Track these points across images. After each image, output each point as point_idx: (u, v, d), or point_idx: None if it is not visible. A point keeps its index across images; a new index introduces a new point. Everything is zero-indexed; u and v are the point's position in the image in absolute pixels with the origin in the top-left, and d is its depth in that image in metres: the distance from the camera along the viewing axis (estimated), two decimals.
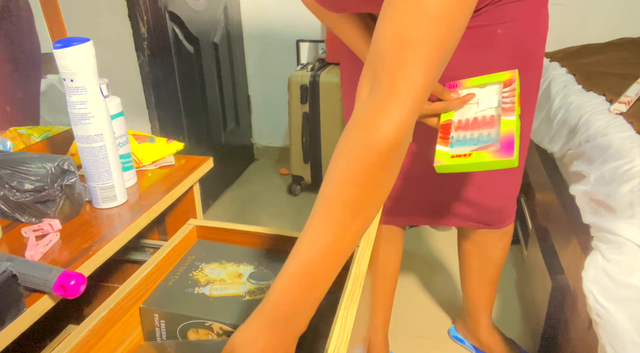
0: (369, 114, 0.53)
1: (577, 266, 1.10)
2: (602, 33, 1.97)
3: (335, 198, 0.53)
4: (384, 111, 0.52)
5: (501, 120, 0.78)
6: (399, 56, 0.53)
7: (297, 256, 0.53)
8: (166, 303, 0.70)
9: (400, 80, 0.52)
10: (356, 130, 0.54)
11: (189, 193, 1.07)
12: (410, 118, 0.53)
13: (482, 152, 0.76)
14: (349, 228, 0.53)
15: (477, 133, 0.80)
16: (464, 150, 0.78)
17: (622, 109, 1.21)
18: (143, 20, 1.66)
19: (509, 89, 0.83)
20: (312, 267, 0.52)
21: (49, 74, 1.10)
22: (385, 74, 0.53)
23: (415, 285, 1.70)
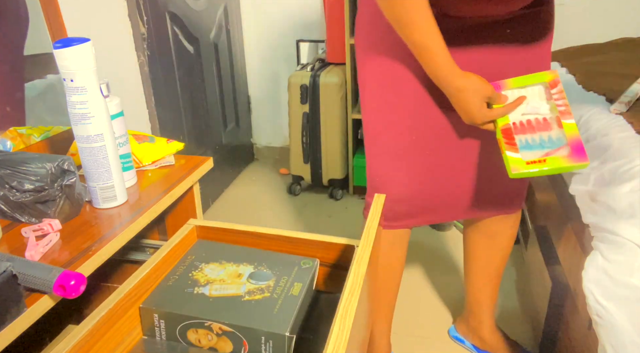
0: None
1: (577, 266, 1.10)
2: (602, 33, 1.97)
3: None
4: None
5: (563, 124, 0.81)
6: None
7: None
8: (166, 303, 0.71)
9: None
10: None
11: (189, 193, 1.07)
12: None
13: (556, 157, 0.79)
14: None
15: (538, 136, 0.82)
16: (534, 155, 0.81)
17: (622, 109, 1.21)
18: (143, 20, 1.66)
19: (556, 90, 0.84)
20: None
21: (49, 74, 1.10)
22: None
23: (415, 284, 1.70)
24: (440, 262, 1.82)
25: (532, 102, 0.86)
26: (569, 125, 0.80)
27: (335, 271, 0.83)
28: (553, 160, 0.79)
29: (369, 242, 0.69)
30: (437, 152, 1.03)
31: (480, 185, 1.07)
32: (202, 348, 0.69)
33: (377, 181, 1.09)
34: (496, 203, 1.12)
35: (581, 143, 0.78)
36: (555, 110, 0.83)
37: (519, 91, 0.88)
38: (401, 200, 1.08)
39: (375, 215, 0.74)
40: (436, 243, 1.93)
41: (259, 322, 0.66)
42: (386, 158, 1.05)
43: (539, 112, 0.85)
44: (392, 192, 1.06)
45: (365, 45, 1.01)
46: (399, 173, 1.05)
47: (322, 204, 2.27)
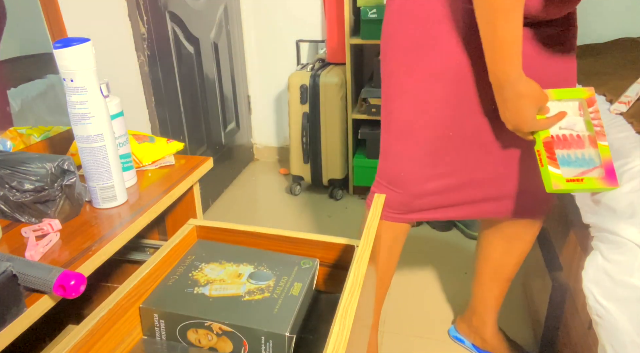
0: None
1: (577, 266, 1.10)
2: (602, 33, 1.97)
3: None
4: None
5: (598, 145, 0.84)
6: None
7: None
8: (166, 303, 0.71)
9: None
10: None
11: (189, 193, 1.07)
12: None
13: (592, 178, 0.82)
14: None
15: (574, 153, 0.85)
16: (571, 173, 0.83)
17: (622, 109, 1.21)
18: (143, 20, 1.66)
19: (593, 109, 0.85)
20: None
21: (49, 74, 1.10)
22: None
23: (416, 284, 1.70)
24: (440, 262, 1.82)
25: (569, 117, 0.87)
26: (603, 147, 0.84)
27: (335, 271, 0.83)
28: (590, 180, 0.83)
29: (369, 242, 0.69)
30: (469, 151, 1.01)
31: (507, 188, 1.05)
32: (202, 348, 0.69)
33: (398, 175, 1.05)
34: (522, 206, 1.09)
35: (613, 166, 0.82)
36: (591, 129, 0.85)
37: (557, 104, 0.88)
38: (423, 195, 1.06)
39: (375, 215, 0.74)
40: (436, 244, 1.93)
41: (259, 322, 0.66)
42: (415, 152, 1.02)
43: (574, 129, 0.86)
44: (416, 188, 1.05)
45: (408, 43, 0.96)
46: (427, 169, 1.03)
47: (322, 204, 2.27)
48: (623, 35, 1.96)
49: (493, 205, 1.09)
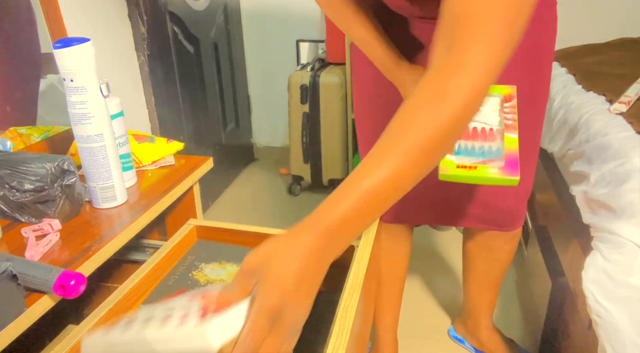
0: (436, 90, 0.53)
1: (577, 266, 1.10)
2: (602, 33, 1.97)
3: (404, 138, 0.53)
4: (457, 80, 0.52)
5: (505, 137, 0.79)
6: (471, 25, 0.53)
7: (353, 180, 0.53)
8: None
9: (473, 50, 0.52)
10: (428, 92, 0.53)
11: (189, 193, 1.07)
12: (482, 89, 0.53)
13: (486, 166, 0.77)
14: (411, 168, 0.53)
15: (479, 145, 0.80)
16: (469, 161, 0.79)
17: (622, 109, 1.21)
18: (143, 20, 1.66)
19: (509, 105, 0.83)
20: (367, 192, 0.51)
21: (49, 74, 1.10)
22: (456, 44, 0.53)
23: (416, 285, 1.70)
24: (440, 262, 1.82)
25: (485, 111, 0.85)
26: (510, 139, 0.79)
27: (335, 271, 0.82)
28: (483, 169, 0.77)
29: (368, 242, 0.69)
30: None
31: (478, 195, 1.04)
32: None
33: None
34: (494, 216, 1.08)
35: (517, 159, 0.76)
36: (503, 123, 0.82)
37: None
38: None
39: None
40: (436, 244, 1.93)
41: None
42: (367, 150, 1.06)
43: (487, 122, 0.84)
44: None
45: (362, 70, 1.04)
46: None
47: None
48: (623, 35, 1.96)
49: (463, 214, 1.08)
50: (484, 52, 0.52)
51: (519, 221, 1.12)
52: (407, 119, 0.54)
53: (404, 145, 0.52)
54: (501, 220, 1.09)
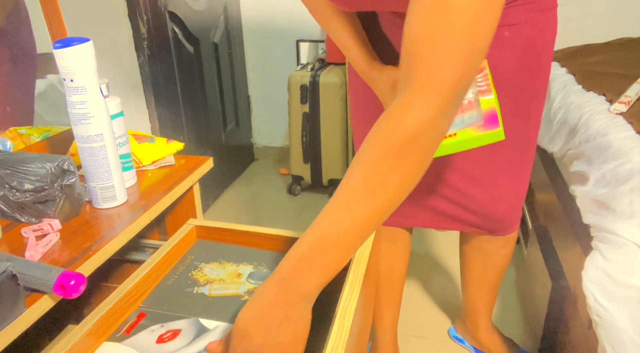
0: (396, 107, 0.56)
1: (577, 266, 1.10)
2: (602, 33, 1.97)
3: (352, 176, 0.56)
4: (409, 105, 0.54)
5: (480, 101, 0.78)
6: (428, 56, 0.54)
7: (312, 226, 0.57)
8: (165, 303, 0.71)
9: (430, 78, 0.54)
10: (382, 120, 0.57)
11: (189, 193, 1.07)
12: (435, 114, 0.54)
13: (466, 129, 0.76)
14: (362, 208, 0.55)
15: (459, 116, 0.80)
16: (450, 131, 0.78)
17: (622, 109, 1.21)
18: (143, 20, 1.66)
19: (481, 75, 0.82)
20: (321, 235, 0.55)
21: (49, 74, 1.10)
22: (416, 72, 0.55)
23: (416, 285, 1.70)
24: (440, 262, 1.82)
25: None
26: (485, 101, 0.77)
27: None
28: (463, 132, 0.76)
29: (368, 242, 0.69)
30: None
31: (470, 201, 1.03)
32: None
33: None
34: (487, 222, 1.07)
35: (495, 113, 0.74)
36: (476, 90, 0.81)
37: None
38: None
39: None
40: (436, 243, 1.93)
41: None
42: None
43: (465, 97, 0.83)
44: None
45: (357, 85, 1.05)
46: None
47: (322, 204, 2.26)
48: (623, 35, 1.96)
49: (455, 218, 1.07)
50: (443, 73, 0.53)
51: (512, 226, 1.11)
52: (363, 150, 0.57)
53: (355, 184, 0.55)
54: (493, 226, 1.08)
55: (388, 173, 0.55)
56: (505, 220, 1.08)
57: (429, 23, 0.53)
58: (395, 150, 0.54)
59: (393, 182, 0.55)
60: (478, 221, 1.07)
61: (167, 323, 0.66)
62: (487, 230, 1.10)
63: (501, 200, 1.03)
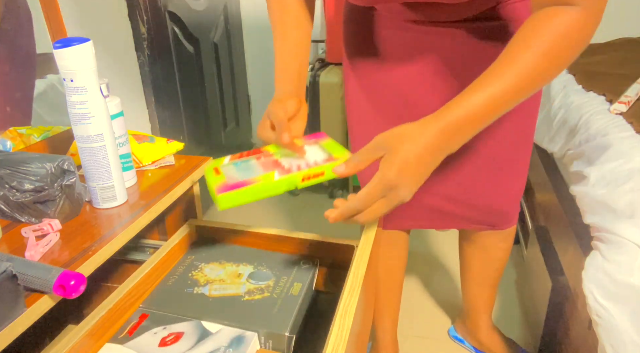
0: (547, 12, 0.61)
1: (577, 266, 1.10)
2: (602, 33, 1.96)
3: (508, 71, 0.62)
4: (562, 9, 0.60)
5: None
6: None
7: (484, 86, 0.62)
8: (165, 303, 0.71)
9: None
10: (533, 21, 0.62)
11: (189, 193, 1.07)
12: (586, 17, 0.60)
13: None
14: (513, 97, 0.62)
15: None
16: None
17: (622, 109, 1.21)
18: (143, 20, 1.66)
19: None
20: (491, 99, 0.62)
21: (49, 74, 1.10)
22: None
23: (415, 285, 1.70)
24: (440, 262, 1.82)
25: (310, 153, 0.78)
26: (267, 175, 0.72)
27: (335, 271, 0.83)
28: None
29: (368, 242, 0.69)
30: None
31: (470, 196, 1.04)
32: None
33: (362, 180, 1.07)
34: (487, 217, 1.08)
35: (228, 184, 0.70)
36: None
37: (315, 148, 0.79)
38: None
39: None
40: (436, 243, 1.93)
41: (259, 322, 0.66)
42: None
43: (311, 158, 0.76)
44: None
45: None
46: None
47: (322, 204, 2.27)
48: (623, 35, 1.96)
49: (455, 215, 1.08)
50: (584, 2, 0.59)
51: (512, 220, 1.12)
52: (522, 41, 0.62)
53: (524, 57, 0.61)
54: (493, 221, 1.09)
55: (541, 60, 0.61)
56: (506, 213, 1.08)
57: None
58: (553, 41, 0.60)
59: (542, 70, 0.62)
60: (479, 216, 1.07)
61: (170, 326, 0.66)
62: (488, 225, 1.10)
63: (502, 192, 1.04)
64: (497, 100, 0.62)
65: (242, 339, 0.63)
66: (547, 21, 0.61)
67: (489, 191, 1.03)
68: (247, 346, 0.62)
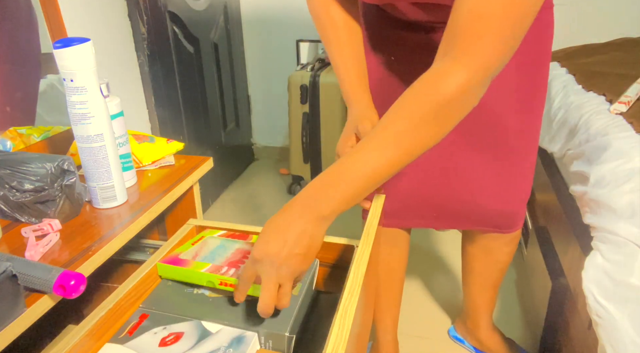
0: (436, 73, 0.61)
1: (577, 266, 1.10)
2: (602, 33, 1.97)
3: (385, 127, 0.62)
4: (450, 71, 0.59)
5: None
6: (473, 28, 0.58)
7: (341, 161, 0.63)
8: (165, 303, 0.70)
9: (471, 49, 0.59)
10: (421, 83, 0.62)
11: (189, 193, 1.07)
12: (473, 82, 0.59)
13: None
14: (390, 154, 0.62)
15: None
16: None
17: (622, 109, 1.21)
18: (143, 20, 1.66)
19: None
20: (347, 169, 0.62)
21: (49, 74, 1.10)
22: (458, 43, 0.59)
23: (416, 285, 1.70)
24: (440, 262, 1.82)
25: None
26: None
27: (335, 271, 0.83)
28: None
29: (368, 242, 0.69)
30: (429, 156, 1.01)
31: (477, 197, 1.03)
32: None
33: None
34: (494, 219, 1.07)
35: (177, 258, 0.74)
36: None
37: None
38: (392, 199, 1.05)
39: (375, 215, 0.74)
40: (436, 243, 1.93)
41: (259, 322, 0.66)
42: None
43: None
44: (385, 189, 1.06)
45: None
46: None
47: None
48: (623, 35, 1.96)
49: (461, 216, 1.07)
50: (484, 47, 0.58)
51: (519, 223, 1.11)
52: (399, 104, 0.63)
53: (396, 128, 0.61)
54: (500, 223, 1.08)
55: (421, 129, 0.61)
56: (513, 215, 1.07)
57: (477, 2, 0.58)
58: (432, 110, 0.60)
59: (422, 138, 0.62)
60: (485, 218, 1.06)
61: (170, 326, 0.66)
62: (494, 227, 1.09)
63: (509, 193, 1.03)
64: (376, 171, 0.62)
65: (242, 339, 0.63)
66: (431, 87, 0.60)
67: (496, 192, 1.02)
68: (247, 346, 0.62)
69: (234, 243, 0.81)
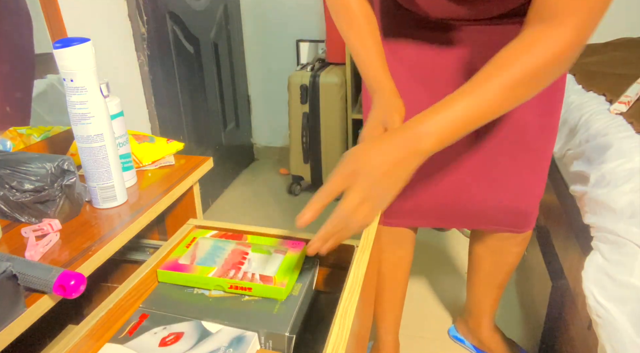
0: (534, 34, 0.63)
1: (577, 266, 1.10)
2: (602, 33, 1.96)
3: (490, 86, 0.63)
4: (548, 33, 0.62)
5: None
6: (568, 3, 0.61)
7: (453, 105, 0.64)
8: (165, 303, 0.71)
9: (571, 9, 0.61)
10: (519, 43, 0.64)
11: (189, 193, 1.07)
12: (578, 40, 0.62)
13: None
14: (490, 111, 0.64)
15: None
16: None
17: (622, 109, 1.21)
18: (143, 20, 1.66)
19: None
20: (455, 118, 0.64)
21: (49, 74, 1.10)
22: (559, 6, 0.61)
23: (417, 284, 1.70)
24: (440, 262, 1.82)
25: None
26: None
27: (335, 271, 0.83)
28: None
29: (368, 243, 0.69)
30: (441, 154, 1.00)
31: (485, 196, 1.02)
32: None
33: None
34: (505, 219, 1.06)
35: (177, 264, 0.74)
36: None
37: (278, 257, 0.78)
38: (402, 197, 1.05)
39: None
40: (437, 243, 1.93)
41: (259, 322, 0.66)
42: None
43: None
44: None
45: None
46: None
47: None
48: (623, 35, 1.96)
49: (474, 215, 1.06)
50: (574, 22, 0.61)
51: (532, 222, 1.09)
52: (499, 61, 0.64)
53: (495, 81, 0.63)
54: (515, 222, 1.07)
55: (520, 91, 0.64)
56: (529, 213, 1.06)
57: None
58: (542, 66, 0.62)
59: (521, 95, 0.65)
60: (501, 216, 1.05)
61: (170, 326, 0.66)
62: (507, 226, 1.08)
63: (526, 191, 1.02)
64: (478, 110, 0.64)
65: (242, 339, 0.63)
66: (537, 42, 0.63)
67: (512, 190, 1.01)
68: (247, 346, 0.62)
69: (228, 243, 0.81)
